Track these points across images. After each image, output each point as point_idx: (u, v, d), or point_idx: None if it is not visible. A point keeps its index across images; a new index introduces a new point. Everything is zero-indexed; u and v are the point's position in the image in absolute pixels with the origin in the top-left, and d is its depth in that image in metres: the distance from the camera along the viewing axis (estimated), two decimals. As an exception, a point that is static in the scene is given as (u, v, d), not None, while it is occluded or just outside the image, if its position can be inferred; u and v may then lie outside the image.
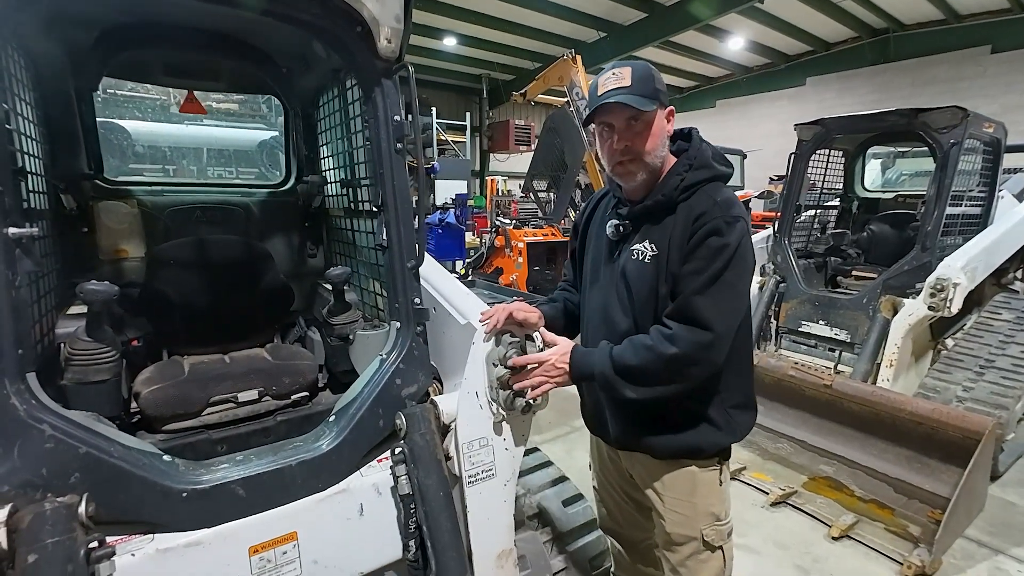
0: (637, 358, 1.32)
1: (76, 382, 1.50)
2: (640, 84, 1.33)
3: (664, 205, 1.39)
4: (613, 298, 1.48)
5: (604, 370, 1.36)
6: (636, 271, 1.42)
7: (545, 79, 8.09)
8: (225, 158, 8.29)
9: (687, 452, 1.47)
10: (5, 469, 1.06)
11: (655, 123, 1.36)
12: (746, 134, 15.31)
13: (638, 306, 1.43)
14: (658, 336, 1.32)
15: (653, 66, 1.40)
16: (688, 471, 1.49)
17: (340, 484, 1.46)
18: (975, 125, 3.81)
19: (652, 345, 1.31)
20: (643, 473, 1.57)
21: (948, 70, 12.37)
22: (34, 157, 1.73)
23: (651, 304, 1.40)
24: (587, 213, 1.70)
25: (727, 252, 1.29)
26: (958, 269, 3.49)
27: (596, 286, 1.55)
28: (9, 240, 1.10)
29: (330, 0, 1.40)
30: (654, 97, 1.33)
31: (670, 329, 1.31)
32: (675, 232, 1.36)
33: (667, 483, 1.52)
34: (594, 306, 1.55)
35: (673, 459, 1.49)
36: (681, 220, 1.37)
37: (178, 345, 2.11)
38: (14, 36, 1.63)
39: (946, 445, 2.82)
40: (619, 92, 1.32)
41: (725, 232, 1.30)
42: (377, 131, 1.56)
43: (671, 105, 1.42)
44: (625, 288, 1.45)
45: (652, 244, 1.40)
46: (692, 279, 1.32)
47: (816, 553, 2.75)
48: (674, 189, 1.38)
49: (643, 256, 1.41)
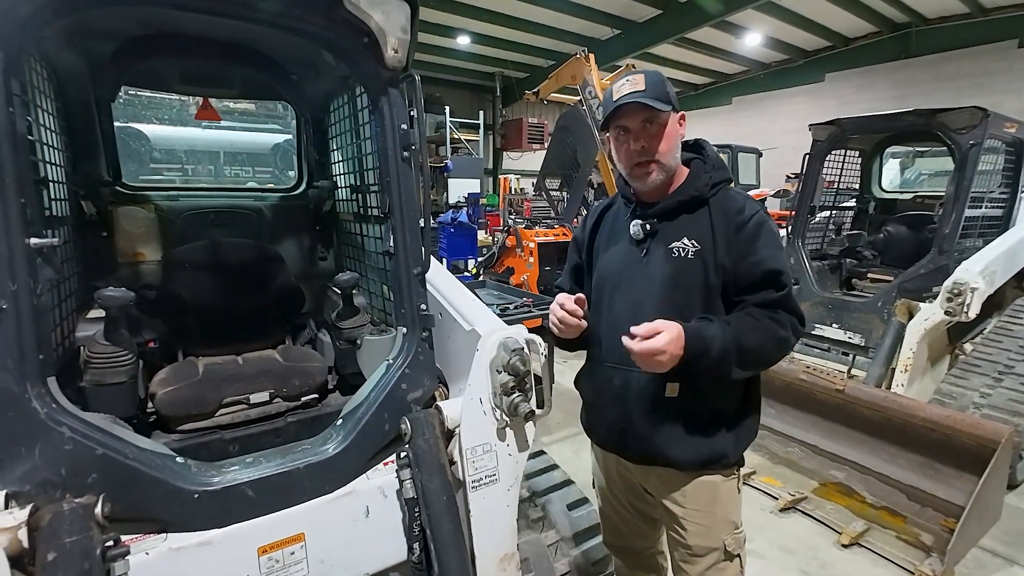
0: (752, 339, 1.34)
1: (94, 384, 1.56)
2: (654, 88, 1.39)
3: (697, 200, 1.45)
4: (648, 298, 1.45)
5: (725, 348, 1.31)
6: (680, 267, 1.43)
7: (558, 77, 8.06)
8: (241, 160, 8.44)
9: (713, 461, 1.46)
10: (27, 469, 1.11)
11: (669, 125, 1.42)
12: (762, 131, 15.07)
13: (684, 301, 1.42)
14: (766, 319, 1.36)
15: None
16: (711, 481, 1.49)
17: (347, 486, 1.50)
18: (996, 125, 3.72)
19: (762, 327, 1.35)
20: (661, 486, 1.54)
21: (972, 65, 12.02)
22: (56, 166, 1.79)
23: (700, 297, 1.42)
24: (591, 226, 1.67)
25: (779, 238, 1.44)
26: (976, 273, 3.41)
27: (620, 291, 1.51)
28: (31, 250, 1.15)
29: (337, 12, 1.43)
30: (667, 102, 1.40)
31: (776, 312, 1.37)
32: (717, 226, 1.42)
33: (689, 494, 1.50)
34: (620, 312, 1.49)
35: (697, 470, 1.48)
36: (719, 215, 1.43)
37: (193, 346, 2.17)
38: (38, 49, 1.69)
39: (961, 452, 2.77)
40: (635, 95, 1.38)
41: (769, 222, 1.43)
42: (384, 139, 1.59)
43: (680, 110, 1.47)
44: (666, 286, 1.43)
45: (692, 240, 1.42)
46: (766, 264, 1.38)
47: (824, 559, 2.72)
48: (705, 185, 1.45)
49: (685, 252, 1.43)
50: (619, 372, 1.49)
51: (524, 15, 12.24)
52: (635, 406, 1.47)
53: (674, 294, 1.43)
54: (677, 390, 1.42)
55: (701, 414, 1.44)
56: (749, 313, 1.38)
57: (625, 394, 1.49)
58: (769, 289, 1.38)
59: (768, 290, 1.38)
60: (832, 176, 4.88)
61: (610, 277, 1.55)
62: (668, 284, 1.43)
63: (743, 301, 1.41)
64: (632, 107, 1.39)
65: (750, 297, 1.40)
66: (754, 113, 16.49)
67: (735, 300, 1.42)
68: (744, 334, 1.33)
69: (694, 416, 1.44)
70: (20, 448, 1.10)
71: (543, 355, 1.64)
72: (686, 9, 11.42)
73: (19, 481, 1.10)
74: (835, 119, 4.35)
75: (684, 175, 1.51)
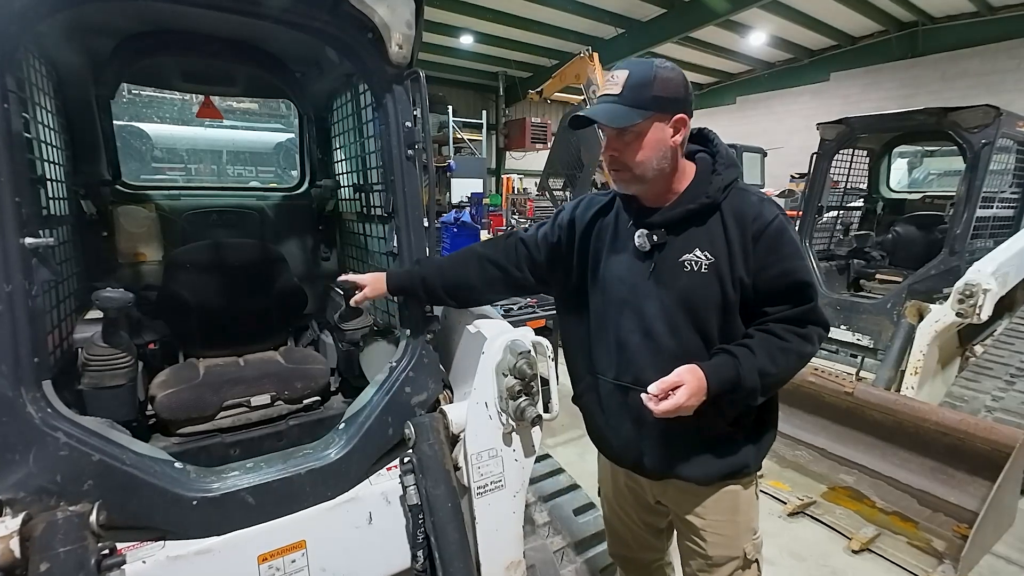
0: (777, 365, 1.26)
1: (92, 387, 1.53)
2: (632, 91, 1.24)
3: (710, 207, 1.31)
4: (659, 318, 1.34)
5: (752, 383, 1.24)
6: (693, 284, 1.31)
7: (562, 77, 8.04)
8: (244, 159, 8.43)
9: (735, 473, 1.41)
10: (20, 476, 1.08)
11: (649, 134, 1.26)
12: (767, 131, 14.99)
13: (700, 320, 1.32)
14: (794, 337, 1.28)
15: (664, 67, 1.27)
16: (731, 491, 1.44)
17: (349, 492, 1.47)
18: (1008, 124, 3.67)
19: (789, 348, 1.27)
20: (680, 498, 1.48)
21: (981, 64, 11.92)
22: (55, 164, 1.77)
23: (717, 315, 1.31)
24: (587, 217, 1.51)
25: (799, 245, 1.36)
26: (988, 274, 3.35)
27: (628, 308, 1.39)
28: (26, 250, 1.12)
29: (341, 7, 1.40)
30: (648, 107, 1.24)
31: (802, 328, 1.29)
32: (732, 235, 1.29)
33: (709, 506, 1.45)
34: (630, 331, 1.39)
35: (718, 482, 1.43)
36: (733, 222, 1.30)
37: (194, 347, 2.14)
38: (36, 45, 1.66)
39: (974, 457, 2.72)
40: (607, 99, 1.27)
41: (788, 227, 1.32)
42: (388, 137, 1.56)
43: (683, 112, 1.29)
44: (678, 305, 1.33)
45: (704, 252, 1.30)
46: (790, 276, 1.29)
47: (834, 566, 2.68)
48: (717, 189, 1.31)
49: (699, 266, 1.30)
50: (632, 391, 1.37)
51: (528, 14, 12.20)
52: (650, 425, 1.37)
53: (688, 314, 1.32)
54: (693, 409, 1.32)
55: (720, 429, 1.37)
56: (773, 332, 1.28)
57: (638, 414, 1.37)
58: (795, 302, 1.29)
59: (794, 303, 1.29)
60: (839, 176, 4.82)
61: (616, 291, 1.42)
62: (681, 303, 1.32)
63: (764, 314, 1.31)
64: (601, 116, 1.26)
65: (773, 310, 1.30)
66: (759, 113, 16.41)
67: (756, 312, 1.32)
68: (770, 360, 1.25)
69: (713, 431, 1.36)
70: (14, 455, 1.07)
71: (549, 357, 1.60)
72: (690, 8, 11.37)
73: (12, 489, 1.06)
74: (844, 118, 4.29)
75: (690, 174, 1.36)
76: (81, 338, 1.68)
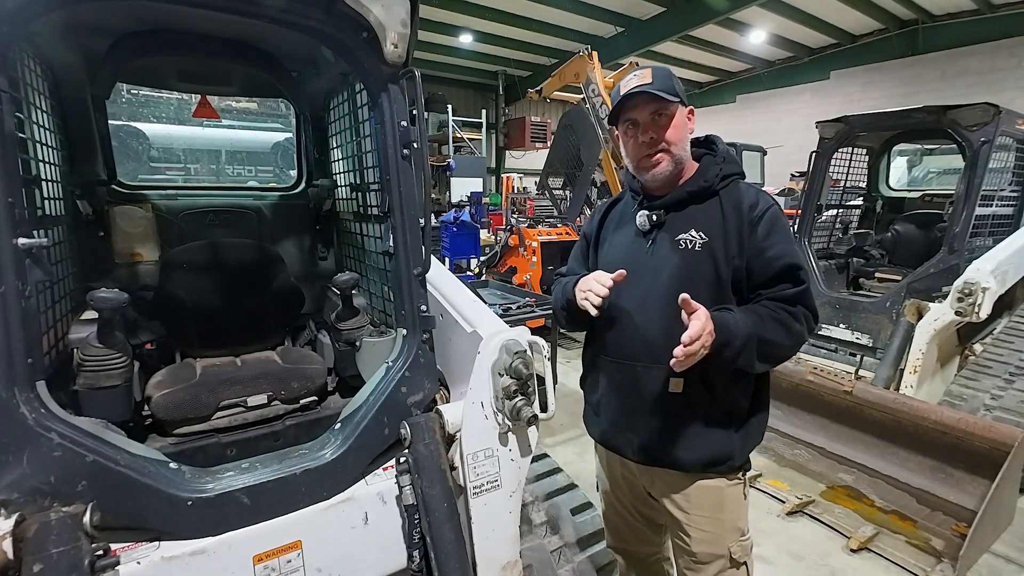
0: (772, 331, 1.31)
1: (87, 387, 1.52)
2: (661, 81, 1.38)
3: (707, 191, 1.43)
4: (654, 292, 1.43)
5: (748, 337, 1.28)
6: (687, 260, 1.40)
7: (561, 76, 8.00)
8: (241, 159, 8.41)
9: (717, 462, 1.43)
10: (14, 477, 1.08)
11: (677, 117, 1.41)
12: (767, 129, 14.97)
13: (693, 293, 1.33)
14: (784, 313, 1.33)
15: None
16: (715, 486, 1.46)
17: (345, 492, 1.46)
18: (1007, 122, 3.66)
19: (779, 319, 1.32)
20: (666, 490, 1.52)
21: (981, 62, 11.89)
22: (50, 164, 1.76)
23: (709, 292, 1.37)
24: (599, 220, 1.67)
25: (791, 232, 1.43)
26: (987, 272, 3.35)
27: (625, 284, 1.45)
28: (19, 250, 1.12)
29: (336, 7, 1.39)
30: (676, 94, 1.39)
31: (793, 307, 1.34)
32: (728, 219, 1.38)
33: (693, 500, 1.47)
34: (625, 306, 1.47)
35: (700, 472, 1.45)
36: (729, 208, 1.40)
37: (191, 347, 2.14)
38: (30, 45, 1.66)
39: (973, 456, 2.72)
40: (643, 87, 1.38)
41: (783, 216, 1.41)
42: (383, 137, 1.56)
43: (691, 106, 1.46)
44: (672, 279, 1.40)
45: (699, 232, 1.40)
46: (782, 259, 1.35)
47: (833, 565, 2.67)
48: (715, 177, 1.43)
49: (692, 244, 1.40)
50: (623, 367, 1.48)
51: (527, 13, 12.18)
52: (639, 402, 1.46)
53: (681, 288, 1.35)
54: (681, 386, 1.40)
55: (707, 411, 1.41)
56: (766, 305, 1.35)
57: (629, 389, 1.48)
58: (787, 284, 1.36)
59: (786, 285, 1.36)
60: (839, 174, 4.81)
61: (614, 268, 1.47)
62: (675, 277, 1.40)
63: (758, 295, 1.38)
64: (641, 99, 1.38)
65: (766, 292, 1.38)
66: (759, 111, 16.39)
67: (749, 296, 1.40)
68: (764, 325, 1.32)
69: (699, 413, 1.41)
70: (7, 455, 1.07)
71: (546, 357, 1.60)
72: (690, 6, 11.34)
73: (6, 490, 1.06)
74: (843, 116, 4.29)
75: (694, 169, 1.48)
76: (76, 338, 1.67)
